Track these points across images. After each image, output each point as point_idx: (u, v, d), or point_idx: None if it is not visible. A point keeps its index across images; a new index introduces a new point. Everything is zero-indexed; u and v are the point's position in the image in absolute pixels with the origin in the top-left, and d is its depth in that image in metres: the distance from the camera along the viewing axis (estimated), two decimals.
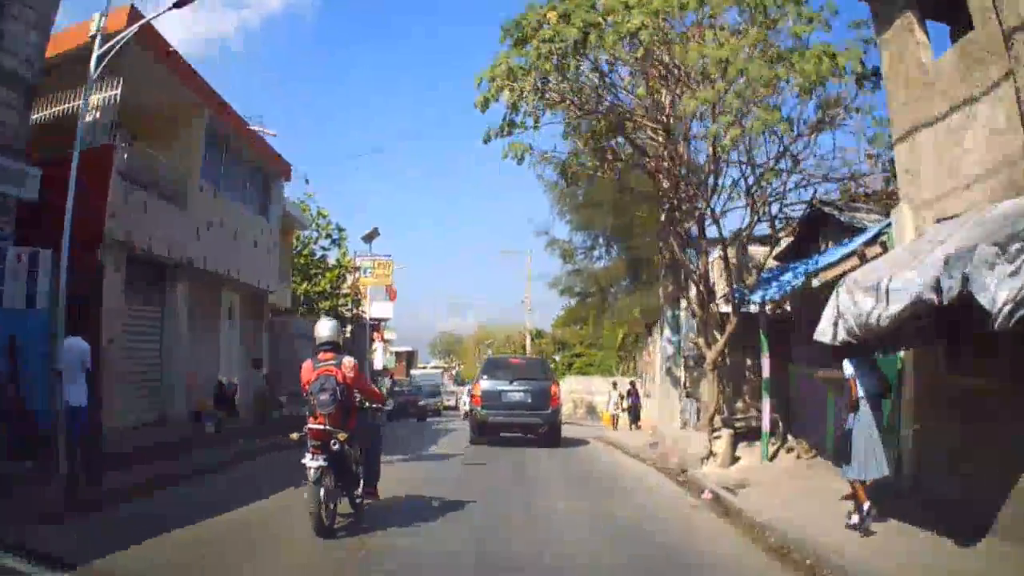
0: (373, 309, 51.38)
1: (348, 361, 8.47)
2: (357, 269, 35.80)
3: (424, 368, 75.61)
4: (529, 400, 18.65)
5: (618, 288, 24.56)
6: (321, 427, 8.02)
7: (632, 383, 28.85)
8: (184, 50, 20.99)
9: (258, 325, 23.19)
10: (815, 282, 12.18)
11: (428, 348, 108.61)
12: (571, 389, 40.89)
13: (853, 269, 9.96)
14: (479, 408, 19.05)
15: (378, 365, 50.33)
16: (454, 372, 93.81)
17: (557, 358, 66.64)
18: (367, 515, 9.03)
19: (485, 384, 19.22)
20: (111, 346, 14.43)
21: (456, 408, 62.59)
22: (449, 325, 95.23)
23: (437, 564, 7.48)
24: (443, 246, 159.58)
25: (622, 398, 28.53)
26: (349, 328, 34.16)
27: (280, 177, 24.34)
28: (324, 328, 8.77)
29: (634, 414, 27.81)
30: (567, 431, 22.29)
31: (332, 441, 8.01)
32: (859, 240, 11.79)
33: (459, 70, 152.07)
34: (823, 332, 8.19)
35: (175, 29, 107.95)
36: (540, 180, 25.41)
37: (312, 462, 7.91)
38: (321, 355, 8.48)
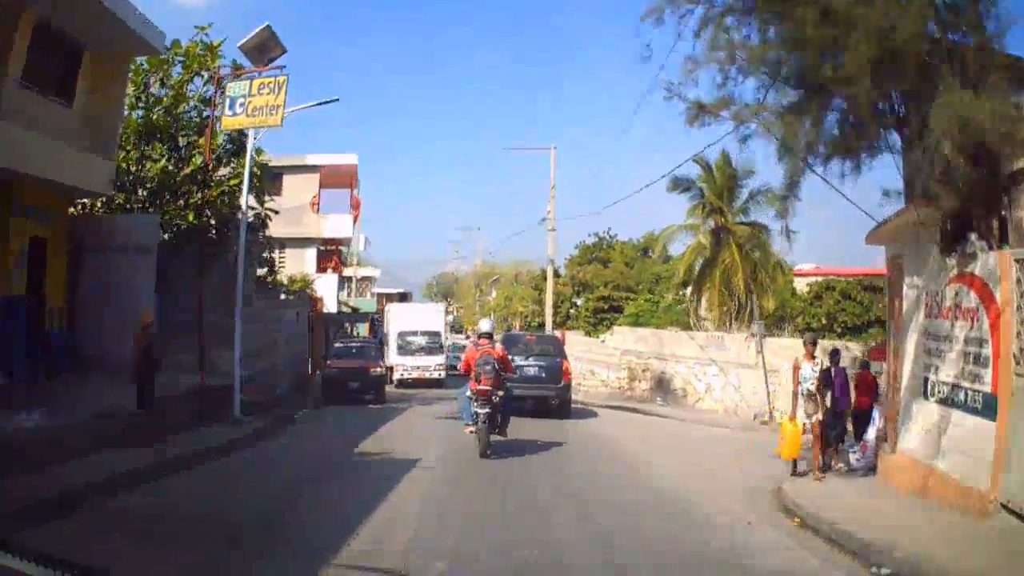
0: (325, 225, 35.79)
1: (499, 346, 13.40)
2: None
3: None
4: (543, 375, 19.06)
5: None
6: (487, 387, 12.40)
7: (868, 353, 13.21)
8: None
9: None
10: None
11: (423, 290, 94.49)
12: (623, 348, 25.34)
13: None
14: None
15: (331, 305, 34.61)
16: (451, 318, 77.97)
17: (579, 302, 51.50)
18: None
19: None
20: None
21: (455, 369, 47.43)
22: (452, 266, 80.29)
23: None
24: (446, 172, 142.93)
25: (826, 386, 12.59)
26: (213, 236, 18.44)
27: None
28: (485, 324, 14.00)
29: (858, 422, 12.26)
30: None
31: (493, 396, 12.47)
32: None
33: None
34: None
35: None
36: None
37: (481, 410, 12.31)
38: (481, 341, 13.18)
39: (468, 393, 12.73)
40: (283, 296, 24.33)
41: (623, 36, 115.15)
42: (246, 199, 16.25)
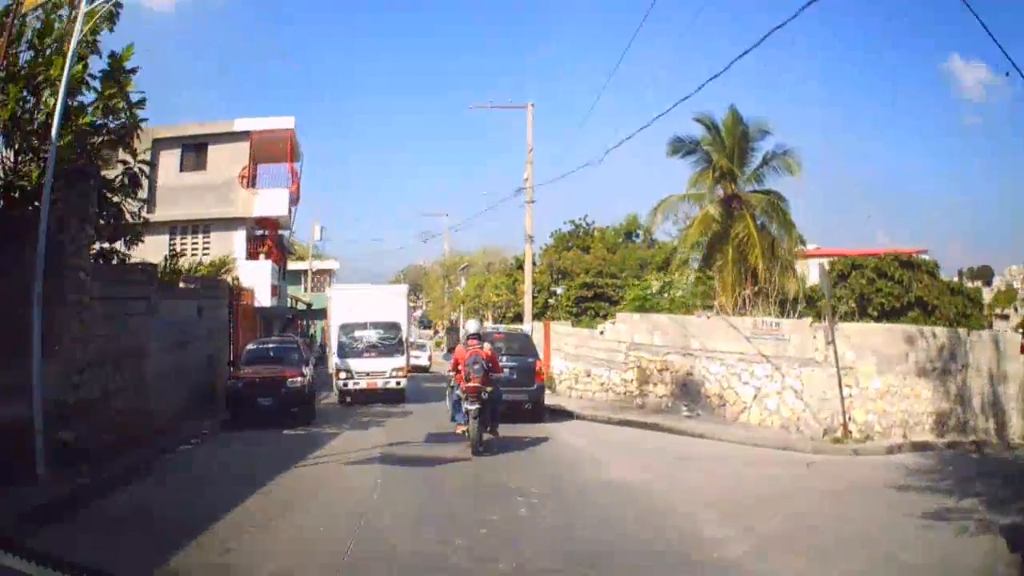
0: (257, 201, 30.02)
1: (487, 345, 13.85)
2: None
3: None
4: (515, 376, 17.26)
5: None
6: (477, 385, 12.89)
7: None
8: None
9: None
10: None
11: (390, 283, 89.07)
12: (631, 341, 19.56)
13: None
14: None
15: (264, 298, 28.84)
16: (419, 313, 72.25)
17: (559, 291, 46.46)
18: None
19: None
20: None
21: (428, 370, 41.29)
22: (421, 257, 74.36)
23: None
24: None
25: None
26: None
27: None
28: (472, 326, 15.76)
29: None
30: None
31: (482, 393, 12.92)
32: None
33: None
34: None
35: None
36: None
37: (472, 406, 12.76)
38: (470, 342, 13.72)
39: (458, 392, 13.53)
40: (184, 284, 18.53)
41: None
42: (58, 120, 10.44)
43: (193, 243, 30.26)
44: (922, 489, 10.25)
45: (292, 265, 49.86)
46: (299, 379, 16.73)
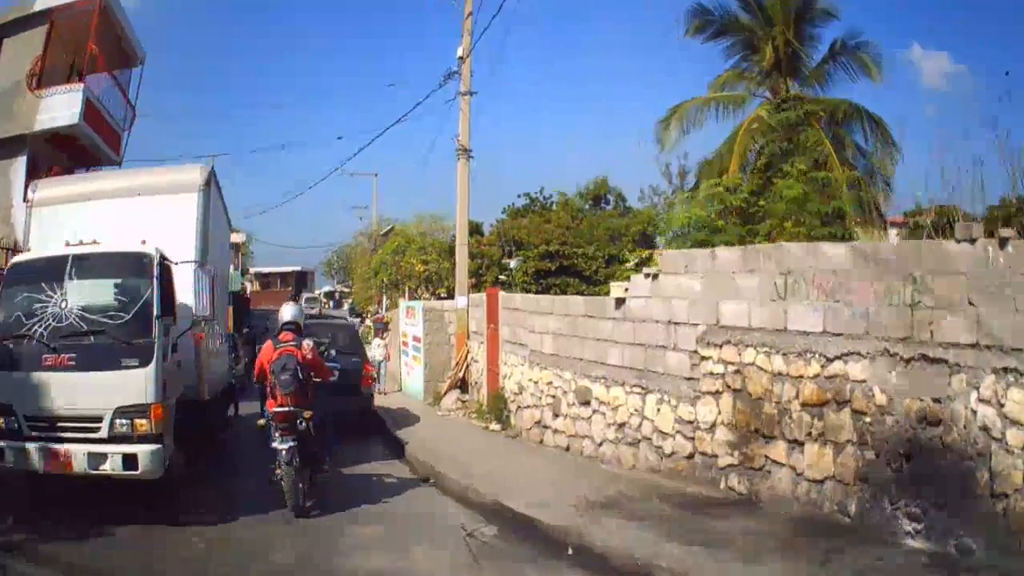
0: (42, 109, 19.38)
1: (307, 343, 8.92)
2: None
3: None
4: (338, 381, 12.32)
5: None
6: (287, 409, 8.40)
7: None
8: None
9: None
10: None
11: (323, 267, 80.00)
12: (707, 323, 8.09)
13: None
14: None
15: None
16: (350, 301, 60.96)
17: (513, 264, 37.31)
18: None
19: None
20: None
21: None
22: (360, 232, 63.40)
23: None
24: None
25: None
26: None
27: None
28: (287, 312, 9.36)
29: None
30: None
31: (299, 420, 8.43)
32: None
33: None
34: None
35: None
36: None
37: (282, 444, 8.29)
38: (282, 335, 8.99)
39: (267, 415, 8.94)
40: None
41: None
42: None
43: None
44: None
45: None
46: None
